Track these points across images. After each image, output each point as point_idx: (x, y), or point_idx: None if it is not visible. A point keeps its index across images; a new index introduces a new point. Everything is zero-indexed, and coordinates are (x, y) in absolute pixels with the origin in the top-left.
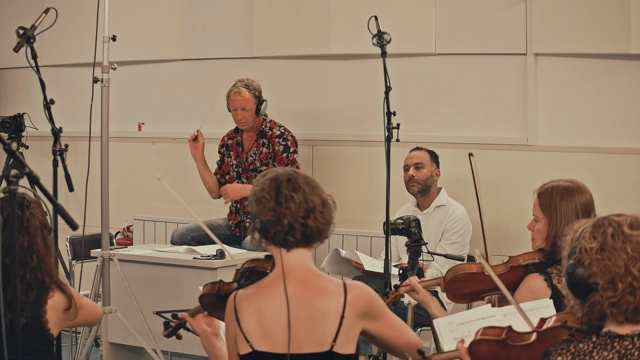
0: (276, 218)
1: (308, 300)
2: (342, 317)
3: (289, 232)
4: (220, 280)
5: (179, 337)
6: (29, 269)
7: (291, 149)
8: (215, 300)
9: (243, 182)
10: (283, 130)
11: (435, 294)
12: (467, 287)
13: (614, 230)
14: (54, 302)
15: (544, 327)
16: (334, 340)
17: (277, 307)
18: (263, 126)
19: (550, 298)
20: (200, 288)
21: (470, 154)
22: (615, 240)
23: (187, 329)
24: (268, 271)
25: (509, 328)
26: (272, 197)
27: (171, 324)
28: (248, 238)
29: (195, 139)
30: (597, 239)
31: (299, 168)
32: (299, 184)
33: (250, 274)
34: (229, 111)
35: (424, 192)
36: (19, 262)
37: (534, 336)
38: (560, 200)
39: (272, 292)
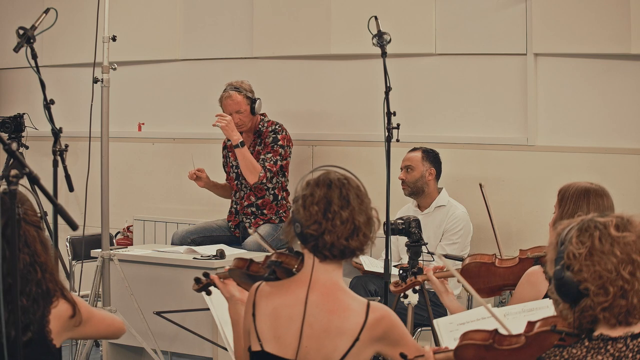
0: (319, 233)
1: (327, 315)
2: (357, 339)
3: (328, 249)
4: (251, 260)
5: (209, 293)
6: (34, 283)
7: (279, 142)
8: (243, 275)
9: (242, 183)
10: (278, 127)
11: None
12: (479, 277)
13: (600, 234)
14: (58, 310)
15: (533, 330)
16: (342, 358)
17: (294, 314)
18: (260, 126)
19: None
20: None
21: (481, 185)
22: (603, 244)
23: (217, 287)
24: (294, 269)
25: (496, 331)
26: (320, 209)
27: (202, 280)
28: (250, 238)
29: (197, 178)
30: (585, 243)
31: (284, 162)
32: (349, 199)
33: (277, 268)
34: None
35: (415, 194)
36: (24, 278)
37: (522, 340)
38: (574, 196)
39: (292, 297)
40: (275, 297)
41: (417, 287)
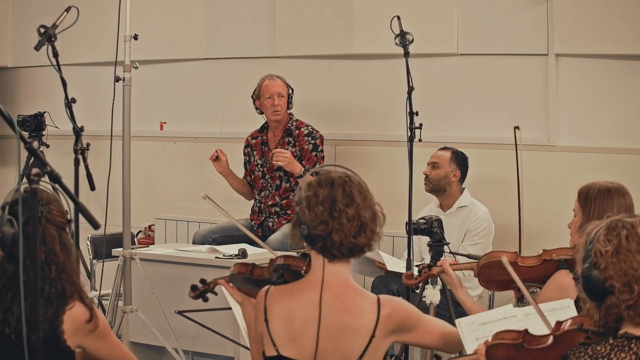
0: (327, 233)
1: (340, 314)
2: (373, 336)
3: (337, 248)
4: (253, 264)
5: (206, 300)
6: (48, 281)
7: (319, 148)
8: (245, 280)
9: (268, 182)
10: (311, 130)
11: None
12: (499, 274)
13: (628, 233)
14: (73, 312)
15: (560, 330)
16: (360, 357)
17: (309, 316)
18: (289, 125)
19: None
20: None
21: (516, 127)
22: (629, 243)
23: (215, 294)
24: (302, 271)
25: (526, 331)
26: (325, 209)
27: (199, 287)
28: (273, 236)
29: (216, 158)
30: (611, 241)
31: None
32: (353, 196)
33: (285, 272)
34: (256, 107)
35: (435, 191)
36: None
37: (550, 339)
38: (597, 197)
39: (304, 299)
40: (286, 300)
41: (440, 287)
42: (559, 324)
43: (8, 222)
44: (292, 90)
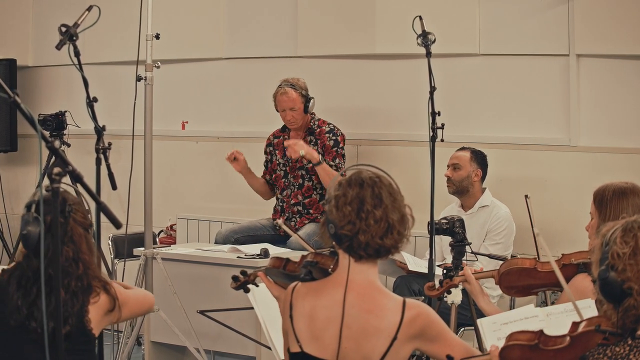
0: (353, 233)
1: (363, 314)
2: (395, 338)
3: (363, 249)
4: (287, 259)
5: (247, 291)
6: (74, 277)
7: (340, 144)
8: (279, 274)
9: (290, 181)
10: (333, 127)
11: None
12: (520, 280)
13: None
14: (98, 303)
15: (577, 331)
16: (382, 358)
17: (332, 315)
18: (311, 124)
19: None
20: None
21: (527, 196)
22: None
23: (256, 285)
24: (330, 269)
25: (541, 332)
26: (353, 209)
27: (240, 278)
28: (293, 238)
29: (234, 159)
30: (628, 243)
31: (344, 164)
32: (382, 197)
33: (312, 269)
34: (277, 111)
35: (459, 192)
36: (64, 271)
37: (567, 340)
38: (612, 199)
39: (328, 298)
40: (311, 297)
41: (461, 287)
42: (575, 324)
43: (34, 220)
44: (308, 98)
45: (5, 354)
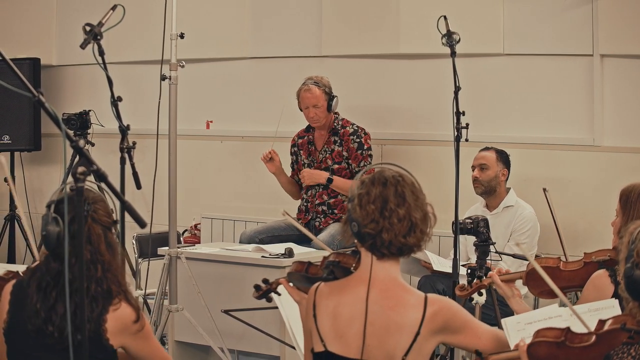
0: (376, 232)
1: (386, 311)
2: (418, 333)
3: (386, 247)
4: (309, 262)
5: (269, 300)
6: (93, 280)
7: (365, 146)
8: (302, 278)
9: None
10: (356, 128)
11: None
12: (544, 282)
13: None
14: (119, 313)
15: (603, 329)
16: (406, 354)
17: (355, 312)
18: (335, 124)
19: (613, 294)
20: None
21: (545, 189)
22: None
23: (278, 294)
24: (352, 268)
25: (568, 329)
26: (377, 207)
27: (262, 287)
28: (320, 236)
29: (270, 159)
30: None
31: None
32: (405, 196)
33: (335, 268)
34: (300, 110)
35: (487, 193)
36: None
37: (593, 338)
38: (637, 199)
39: (351, 296)
40: (334, 296)
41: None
42: (601, 322)
43: (53, 220)
44: (332, 96)
45: (22, 358)
